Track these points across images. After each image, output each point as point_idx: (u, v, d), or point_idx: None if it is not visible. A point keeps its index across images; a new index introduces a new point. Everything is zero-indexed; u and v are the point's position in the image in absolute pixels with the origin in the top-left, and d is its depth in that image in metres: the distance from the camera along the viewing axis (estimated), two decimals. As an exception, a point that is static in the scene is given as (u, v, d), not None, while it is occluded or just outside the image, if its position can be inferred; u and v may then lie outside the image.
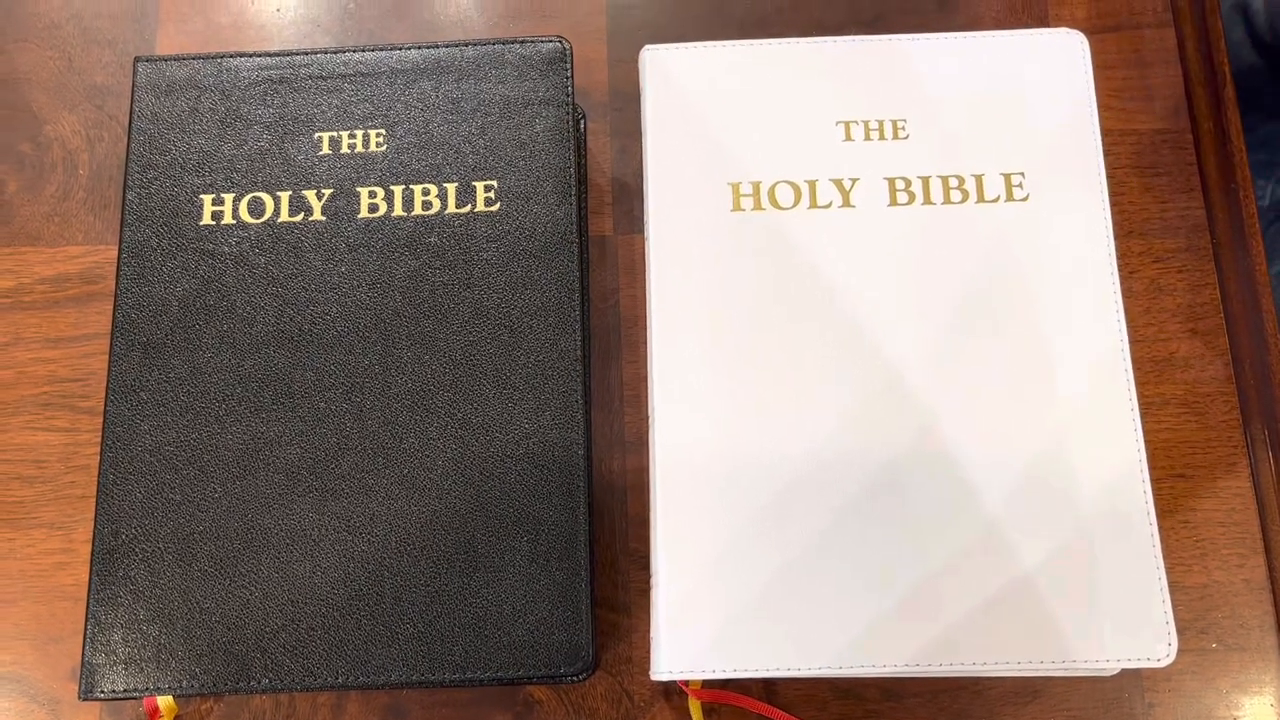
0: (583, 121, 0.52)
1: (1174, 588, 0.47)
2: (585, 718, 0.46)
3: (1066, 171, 0.47)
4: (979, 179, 0.47)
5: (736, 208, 0.47)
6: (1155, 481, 0.48)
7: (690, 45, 0.49)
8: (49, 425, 0.49)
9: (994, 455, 0.44)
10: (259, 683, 0.41)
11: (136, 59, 0.48)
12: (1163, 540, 0.47)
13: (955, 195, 0.47)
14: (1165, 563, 0.47)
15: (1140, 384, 0.49)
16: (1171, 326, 0.51)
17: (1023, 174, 0.47)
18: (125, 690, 0.41)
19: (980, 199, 0.47)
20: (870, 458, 0.44)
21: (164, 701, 0.43)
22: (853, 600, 0.42)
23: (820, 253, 0.46)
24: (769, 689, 0.46)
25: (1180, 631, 0.46)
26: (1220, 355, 0.50)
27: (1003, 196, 0.47)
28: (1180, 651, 0.46)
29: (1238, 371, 0.50)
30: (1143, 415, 0.49)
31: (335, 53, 0.49)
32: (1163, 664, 0.42)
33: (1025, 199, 0.47)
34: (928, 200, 0.47)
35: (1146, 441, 0.48)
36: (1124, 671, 0.45)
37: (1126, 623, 0.42)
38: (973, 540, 0.43)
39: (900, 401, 0.44)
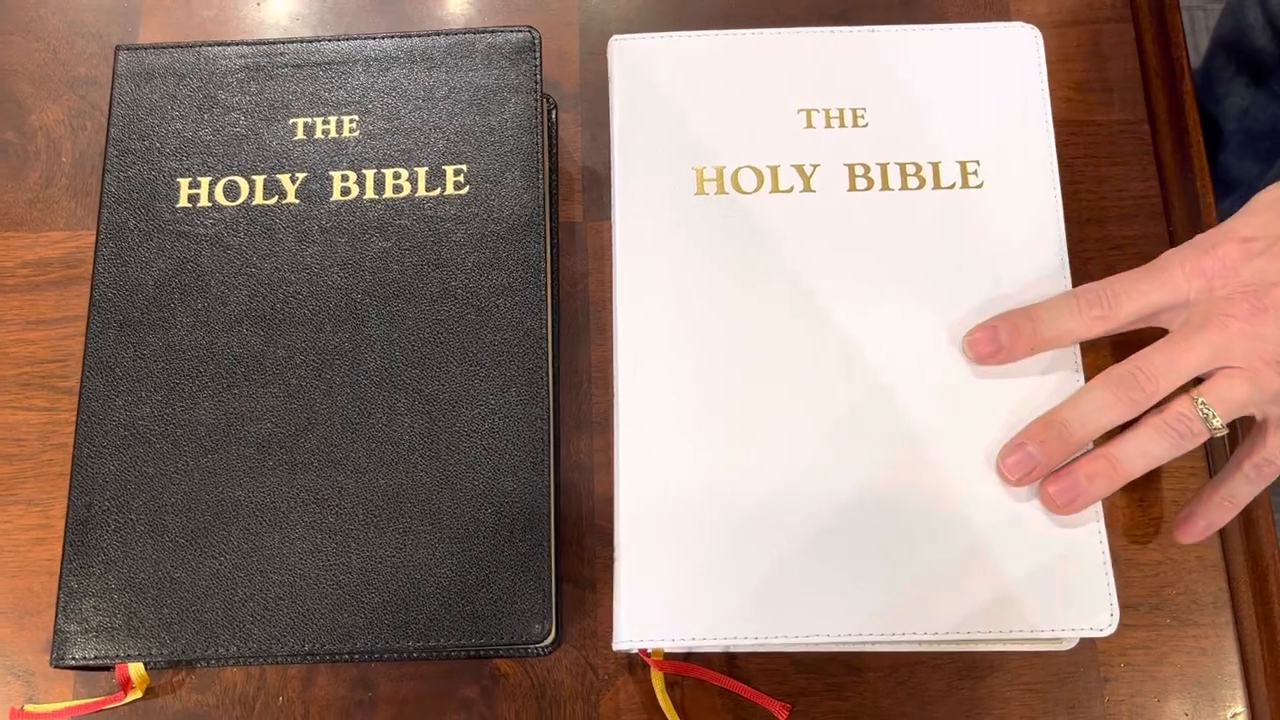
0: (554, 112, 0.53)
1: (1129, 565, 0.48)
2: (550, 691, 0.46)
3: (1020, 159, 0.48)
4: (935, 166, 0.48)
5: (700, 191, 0.48)
6: (1112, 462, 0.49)
7: (657, 35, 0.51)
8: (29, 405, 0.50)
9: (944, 430, 0.45)
10: (226, 650, 0.42)
11: (117, 47, 0.50)
12: (1118, 518, 0.49)
13: (912, 181, 0.48)
14: (1121, 540, 0.48)
15: (1098, 366, 0.50)
16: (1128, 311, 0.52)
17: (978, 162, 0.48)
18: (96, 657, 0.42)
19: (937, 185, 0.48)
20: (826, 432, 0.45)
21: (135, 671, 0.44)
22: (811, 570, 0.43)
23: (781, 235, 0.47)
24: (731, 662, 0.47)
25: (1134, 608, 0.47)
26: (1176, 339, 0.51)
27: (958, 183, 0.48)
28: (1134, 627, 0.47)
29: (1193, 355, 0.51)
30: (1100, 397, 0.50)
31: (311, 42, 0.50)
32: (1105, 634, 0.43)
33: (980, 186, 0.48)
34: (885, 186, 0.48)
35: (1103, 423, 0.50)
36: (1080, 646, 0.46)
37: (1070, 593, 0.43)
38: (924, 512, 0.44)
39: (855, 376, 0.45)
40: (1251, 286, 0.41)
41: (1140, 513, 0.49)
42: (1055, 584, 0.43)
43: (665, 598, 0.43)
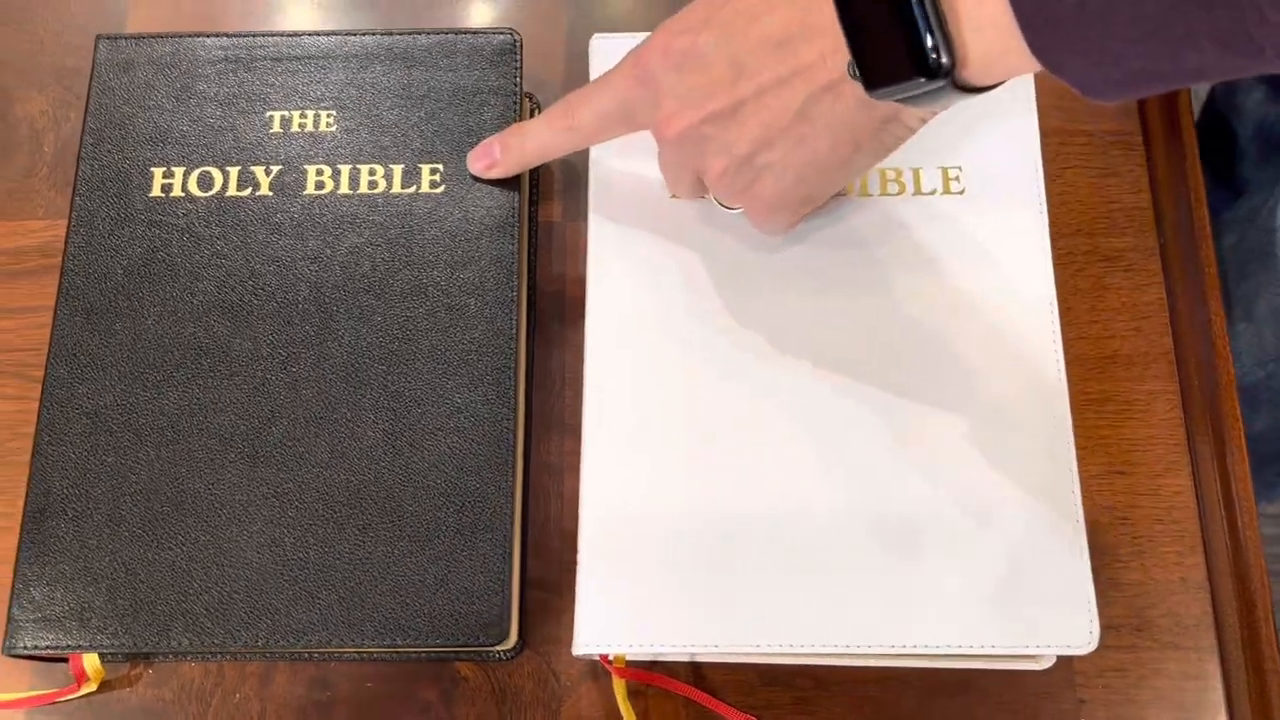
0: (536, 111, 0.53)
1: (1111, 584, 0.47)
2: (511, 696, 0.46)
3: (1004, 167, 0.48)
4: (916, 172, 0.48)
5: (675, 194, 0.47)
6: (1095, 478, 0.48)
7: (638, 35, 0.50)
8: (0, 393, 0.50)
9: (920, 441, 0.44)
10: (179, 642, 0.41)
11: (98, 37, 0.50)
12: (1101, 537, 0.47)
13: (892, 187, 0.47)
14: (1103, 560, 0.47)
15: (1084, 380, 0.49)
16: (1116, 324, 0.51)
17: (960, 168, 0.48)
18: (47, 647, 0.42)
19: (917, 191, 0.47)
20: (798, 442, 0.44)
21: (90, 663, 0.44)
22: (779, 581, 0.42)
23: (754, 237, 0.46)
24: (696, 673, 0.46)
25: (1115, 629, 0.46)
26: (1164, 354, 0.50)
27: (939, 189, 0.47)
28: (1113, 649, 0.46)
29: (1181, 370, 0.50)
30: (1086, 412, 0.49)
31: (291, 35, 0.50)
32: (1083, 651, 0.41)
33: (962, 192, 0.47)
34: (865, 191, 0.47)
35: (1089, 437, 0.48)
36: (1056, 666, 0.45)
37: (1050, 610, 0.42)
38: (899, 524, 0.43)
39: (828, 379, 0.44)
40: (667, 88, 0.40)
41: (1124, 531, 0.48)
42: (1034, 599, 0.42)
43: (627, 603, 0.42)
